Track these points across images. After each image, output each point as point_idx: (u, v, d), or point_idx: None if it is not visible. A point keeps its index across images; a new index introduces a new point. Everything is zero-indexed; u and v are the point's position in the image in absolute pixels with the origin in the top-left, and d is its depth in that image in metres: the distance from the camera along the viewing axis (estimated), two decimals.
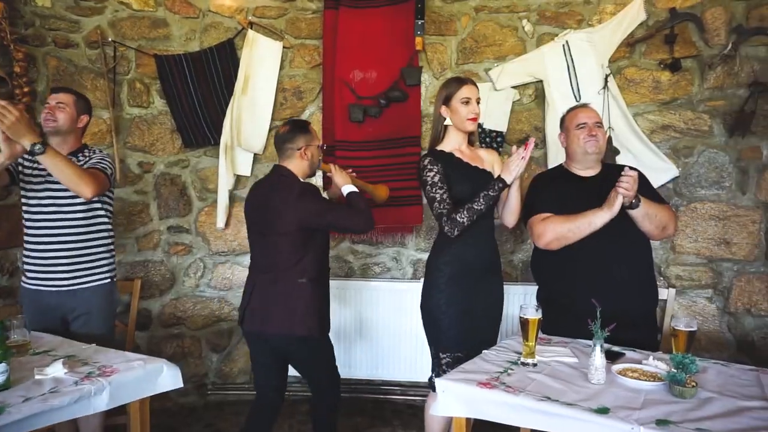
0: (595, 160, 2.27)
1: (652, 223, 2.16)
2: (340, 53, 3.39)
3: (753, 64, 2.99)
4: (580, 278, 2.19)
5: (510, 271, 3.40)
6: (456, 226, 2.10)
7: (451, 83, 2.25)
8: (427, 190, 2.15)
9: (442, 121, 2.24)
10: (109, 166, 2.38)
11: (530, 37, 3.31)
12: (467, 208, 2.11)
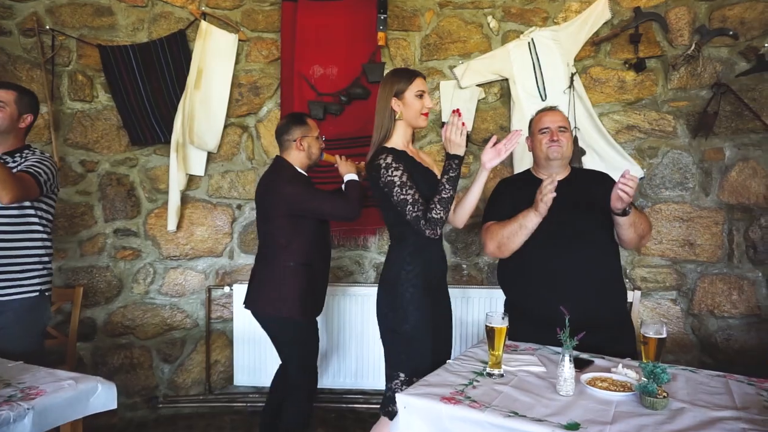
0: (560, 165, 2.17)
1: (636, 231, 2.04)
2: (300, 48, 3.25)
3: (715, 65, 2.99)
4: (535, 284, 2.12)
5: (475, 274, 3.32)
6: (437, 225, 1.91)
7: (402, 75, 2.03)
8: (396, 192, 1.90)
9: (392, 115, 2.00)
10: (44, 172, 2.15)
11: (495, 34, 3.23)
12: (438, 200, 1.90)
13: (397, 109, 1.99)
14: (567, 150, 2.15)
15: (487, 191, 2.30)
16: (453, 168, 1.93)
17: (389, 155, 1.93)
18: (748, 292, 2.99)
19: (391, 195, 1.91)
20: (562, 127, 2.16)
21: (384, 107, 2.01)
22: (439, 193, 1.92)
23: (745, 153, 2.99)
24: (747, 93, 2.94)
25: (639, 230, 2.06)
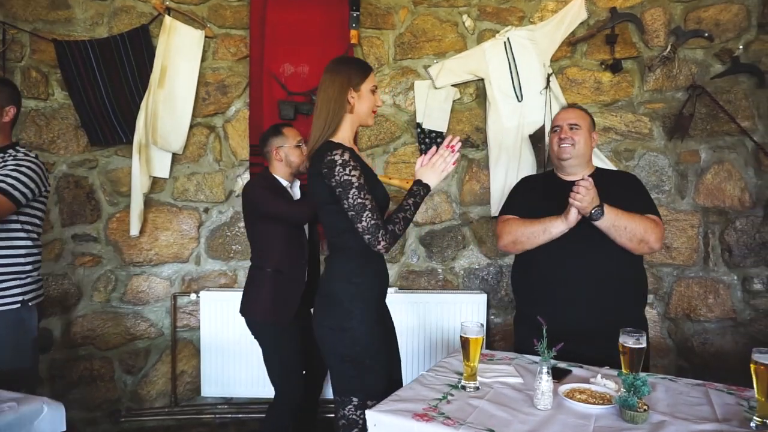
0: (574, 165, 2.06)
1: (621, 235, 1.93)
2: (269, 45, 3.14)
3: (691, 66, 2.97)
4: (543, 290, 2.04)
5: (451, 278, 3.24)
6: (395, 240, 1.72)
7: (360, 66, 1.85)
8: (353, 195, 1.67)
9: (346, 108, 1.78)
10: (20, 182, 1.99)
11: (471, 33, 3.16)
12: (403, 217, 1.74)
13: (352, 102, 1.79)
14: (580, 149, 2.03)
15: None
16: (421, 195, 1.79)
17: (346, 152, 1.70)
18: (724, 295, 2.98)
19: (346, 197, 1.68)
20: (575, 124, 2.04)
21: (336, 97, 1.77)
22: (404, 212, 1.76)
23: (720, 155, 2.97)
24: (722, 95, 2.92)
25: (626, 234, 1.93)
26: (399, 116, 3.21)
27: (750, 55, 2.89)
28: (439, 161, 1.80)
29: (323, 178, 1.71)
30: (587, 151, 2.09)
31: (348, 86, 1.77)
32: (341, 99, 1.77)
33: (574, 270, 1.98)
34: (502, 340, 3.22)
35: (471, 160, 3.19)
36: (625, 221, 1.92)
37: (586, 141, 2.06)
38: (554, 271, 2.01)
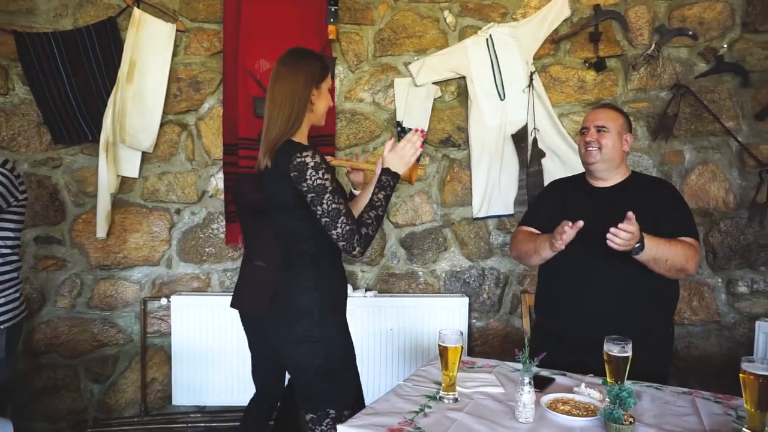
0: (602, 170, 1.94)
1: (660, 267, 1.80)
2: (244, 40, 3.01)
3: (675, 65, 2.92)
4: (561, 300, 1.97)
5: (432, 281, 3.16)
6: (369, 243, 1.62)
7: (320, 62, 1.74)
8: (328, 200, 1.57)
9: (308, 106, 1.67)
10: None
11: (452, 29, 3.08)
12: (375, 216, 1.64)
13: (313, 100, 1.68)
14: (608, 153, 1.90)
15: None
16: (390, 186, 1.67)
17: (317, 154, 1.59)
18: (708, 298, 2.93)
19: (320, 203, 1.57)
20: (602, 126, 1.91)
21: (300, 93, 1.65)
22: (375, 209, 1.65)
23: (704, 156, 2.93)
24: (706, 95, 2.88)
25: (665, 266, 1.80)
26: (378, 114, 3.12)
27: (734, 54, 2.86)
28: (408, 146, 1.69)
29: (291, 181, 1.59)
30: (616, 156, 1.93)
31: (312, 83, 1.67)
32: (305, 96, 1.66)
33: (594, 280, 1.89)
34: (484, 345, 3.14)
35: (452, 159, 3.11)
36: (666, 253, 1.78)
37: (615, 144, 1.92)
38: (575, 281, 1.93)
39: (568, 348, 1.86)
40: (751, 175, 2.87)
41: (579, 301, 1.92)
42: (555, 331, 1.98)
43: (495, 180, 3.03)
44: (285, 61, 1.70)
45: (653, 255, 1.76)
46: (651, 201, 1.90)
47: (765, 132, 2.86)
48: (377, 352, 3.01)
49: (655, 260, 1.77)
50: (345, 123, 3.11)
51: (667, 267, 1.80)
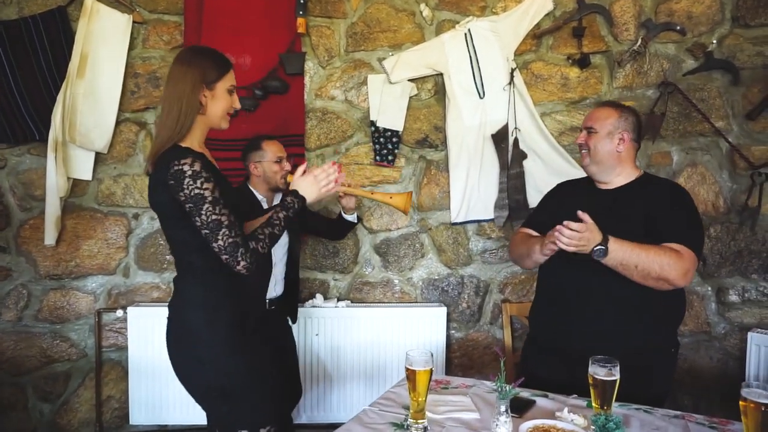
0: (597, 173, 1.87)
1: (632, 274, 1.67)
2: (207, 33, 2.83)
3: (662, 62, 2.78)
4: (554, 309, 1.89)
5: (409, 290, 2.98)
6: (257, 260, 1.50)
7: (216, 60, 1.59)
8: (207, 210, 1.43)
9: (198, 109, 1.55)
10: None
11: (429, 23, 2.91)
12: (270, 234, 1.53)
13: (204, 102, 1.56)
14: (597, 156, 1.83)
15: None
16: (294, 208, 1.60)
17: (197, 161, 1.45)
18: (698, 307, 2.79)
19: (198, 214, 1.44)
20: (591, 128, 1.85)
21: (188, 95, 1.52)
22: (272, 227, 1.55)
23: (693, 158, 2.79)
24: (695, 93, 2.74)
25: (637, 273, 1.66)
26: (351, 113, 2.94)
27: (724, 50, 2.72)
28: (322, 175, 1.64)
29: (169, 190, 1.47)
30: (607, 157, 1.83)
31: (201, 84, 1.54)
32: (193, 98, 1.53)
33: (591, 288, 1.78)
34: (464, 357, 2.97)
35: (429, 161, 2.94)
36: (635, 258, 1.65)
37: (604, 146, 1.82)
38: (571, 289, 1.83)
39: (561, 361, 1.78)
40: (742, 178, 2.73)
41: (575, 311, 1.81)
42: (549, 344, 1.89)
43: (474, 183, 2.86)
44: (176, 61, 1.60)
45: (620, 260, 1.64)
46: (653, 204, 1.78)
47: (756, 132, 2.73)
48: (349, 367, 2.83)
49: (622, 265, 1.66)
50: (315, 122, 2.92)
51: (640, 274, 1.67)
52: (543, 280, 1.98)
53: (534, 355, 1.98)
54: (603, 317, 1.76)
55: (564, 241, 1.61)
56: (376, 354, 2.84)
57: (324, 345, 2.83)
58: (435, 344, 2.84)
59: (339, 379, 2.83)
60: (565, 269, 1.81)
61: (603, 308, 1.77)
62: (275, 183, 2.37)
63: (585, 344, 1.68)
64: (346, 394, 2.84)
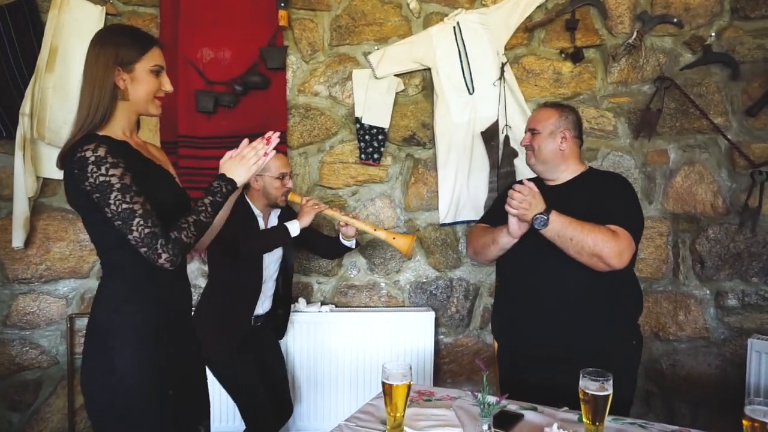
0: (543, 171, 1.92)
1: (568, 248, 1.70)
2: (185, 26, 2.73)
3: (659, 56, 2.67)
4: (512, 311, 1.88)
5: (396, 293, 2.86)
6: (182, 251, 1.35)
7: (132, 38, 1.43)
8: (115, 199, 1.29)
9: (115, 93, 1.41)
10: None
11: (416, 16, 2.80)
12: (194, 222, 1.38)
13: (122, 85, 1.41)
14: (541, 155, 1.88)
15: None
16: (222, 192, 1.43)
17: (101, 146, 1.30)
18: (695, 312, 2.68)
19: (107, 204, 1.29)
20: (534, 129, 1.91)
21: (99, 78, 1.38)
22: (197, 214, 1.39)
23: (690, 156, 2.68)
24: (692, 88, 2.63)
25: (573, 247, 1.69)
26: (335, 110, 2.82)
27: (723, 44, 2.61)
28: (251, 153, 1.47)
29: (75, 180, 1.33)
30: (552, 156, 1.88)
31: (115, 65, 1.39)
32: (106, 81, 1.38)
33: (543, 288, 1.80)
34: (453, 363, 2.86)
35: (417, 160, 2.82)
36: (571, 231, 1.69)
37: (547, 146, 1.88)
38: (524, 291, 1.84)
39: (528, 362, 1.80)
40: (741, 177, 2.62)
41: (535, 309, 1.80)
42: (515, 347, 1.89)
43: (463, 182, 2.75)
44: (90, 43, 1.44)
45: (557, 231, 1.70)
46: (597, 194, 1.82)
47: (757, 129, 2.62)
48: (334, 374, 2.71)
49: (559, 237, 1.70)
50: (298, 119, 2.81)
51: (575, 248, 1.70)
52: (501, 282, 1.98)
53: (505, 360, 1.96)
54: (563, 313, 1.75)
55: (513, 204, 1.70)
56: (361, 361, 2.73)
57: (307, 352, 2.71)
58: (423, 350, 2.72)
59: (322, 387, 2.71)
60: (522, 268, 1.83)
61: (562, 303, 1.76)
62: (274, 200, 2.27)
63: (547, 343, 1.74)
64: (330, 404, 2.72)
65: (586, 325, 1.73)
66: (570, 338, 1.74)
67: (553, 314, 1.76)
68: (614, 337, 1.78)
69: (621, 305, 1.80)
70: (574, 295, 1.75)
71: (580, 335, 1.73)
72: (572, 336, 1.73)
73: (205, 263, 2.86)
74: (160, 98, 1.48)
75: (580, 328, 1.73)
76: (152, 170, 1.46)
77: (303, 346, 2.70)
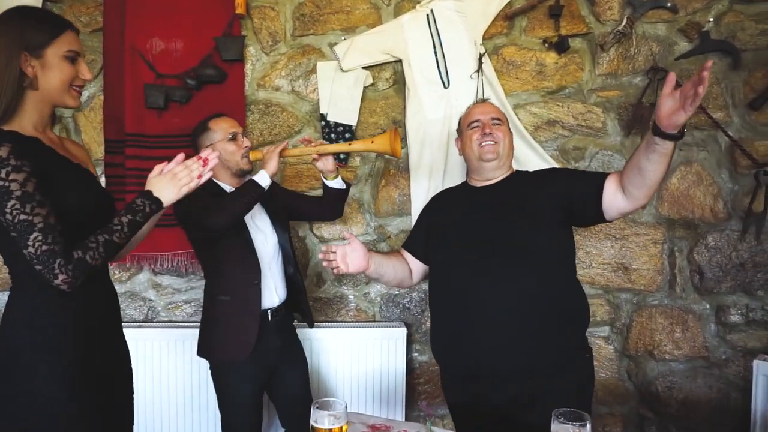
0: (496, 168, 1.74)
1: (665, 166, 1.48)
2: (133, 14, 2.51)
3: (651, 45, 2.42)
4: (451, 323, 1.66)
5: (366, 307, 2.61)
6: (82, 273, 1.19)
7: (40, 21, 1.26)
8: (12, 209, 1.14)
9: (21, 81, 1.24)
10: None
11: (386, 3, 2.56)
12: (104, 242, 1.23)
13: (30, 73, 1.24)
14: (506, 148, 1.74)
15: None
16: (145, 212, 1.29)
17: (4, 145, 1.15)
18: (694, 329, 2.42)
19: (2, 211, 1.15)
20: (496, 119, 1.77)
21: (3, 66, 1.22)
22: (111, 233, 1.24)
23: (687, 155, 2.43)
24: (689, 79, 2.38)
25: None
26: (299, 106, 2.58)
27: (722, 30, 2.36)
28: (183, 172, 1.33)
29: None
30: (511, 152, 1.79)
31: (20, 50, 1.22)
32: (11, 69, 1.22)
33: (486, 299, 1.58)
34: (428, 383, 2.60)
35: (388, 161, 2.58)
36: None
37: (508, 139, 1.77)
38: (462, 296, 1.62)
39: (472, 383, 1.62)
40: (744, 178, 2.37)
41: (469, 319, 1.59)
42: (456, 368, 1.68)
43: (438, 183, 2.50)
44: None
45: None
46: (545, 190, 1.64)
47: (761, 124, 2.36)
48: None
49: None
50: (258, 116, 2.57)
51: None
52: (436, 295, 1.76)
53: (450, 383, 1.75)
54: (502, 322, 1.55)
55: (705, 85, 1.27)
56: (325, 382, 2.48)
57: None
58: (394, 370, 2.47)
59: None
60: (460, 277, 1.63)
61: (500, 311, 1.55)
62: (236, 165, 1.98)
63: (492, 360, 1.55)
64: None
65: (536, 339, 1.53)
66: (519, 354, 1.53)
67: (498, 328, 1.54)
68: (567, 352, 1.58)
69: (570, 315, 1.60)
70: (520, 305, 1.54)
71: (530, 350, 1.53)
72: (522, 351, 1.53)
73: (156, 274, 2.62)
74: (78, 88, 1.34)
75: (529, 343, 1.53)
76: (67, 170, 1.31)
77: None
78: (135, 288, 2.60)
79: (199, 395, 2.47)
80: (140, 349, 2.43)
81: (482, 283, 1.57)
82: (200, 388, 2.47)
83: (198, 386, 2.47)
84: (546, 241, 1.58)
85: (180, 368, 2.46)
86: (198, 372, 2.46)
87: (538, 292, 1.54)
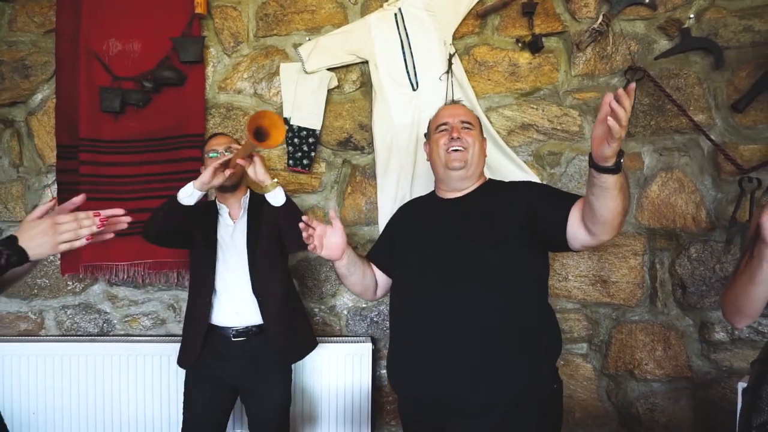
0: (462, 178, 1.58)
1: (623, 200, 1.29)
2: (88, 14, 2.45)
3: (629, 43, 2.28)
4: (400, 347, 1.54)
5: (332, 321, 2.48)
6: None
7: None
8: None
9: None
10: None
11: (352, 3, 2.45)
12: None
13: None
14: (476, 155, 1.59)
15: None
16: (0, 265, 1.06)
17: None
18: (676, 346, 2.26)
19: None
20: (467, 122, 1.62)
21: None
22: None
23: (668, 160, 2.28)
24: (669, 80, 2.24)
25: (625, 197, 1.26)
26: (261, 109, 2.46)
27: (704, 27, 2.22)
28: (69, 225, 1.11)
29: None
30: (482, 160, 1.64)
31: None
32: None
33: (447, 325, 1.42)
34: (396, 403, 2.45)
35: (354, 166, 2.46)
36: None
37: (479, 145, 1.61)
38: (421, 328, 1.46)
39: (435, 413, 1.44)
40: (728, 185, 2.21)
41: (427, 346, 1.43)
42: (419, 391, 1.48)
43: (406, 191, 2.37)
44: None
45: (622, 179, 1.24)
46: (516, 203, 1.48)
47: (745, 127, 2.21)
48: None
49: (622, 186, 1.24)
50: (219, 120, 2.46)
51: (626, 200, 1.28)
52: (395, 320, 1.59)
53: (410, 414, 1.57)
54: (461, 340, 1.40)
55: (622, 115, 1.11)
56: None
57: None
58: (359, 387, 2.33)
59: None
60: (419, 301, 1.48)
61: (460, 328, 1.40)
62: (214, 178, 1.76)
63: (451, 392, 1.39)
64: None
65: (499, 371, 1.38)
66: (481, 387, 1.37)
67: (458, 358, 1.39)
68: (533, 383, 1.41)
69: (539, 344, 1.44)
70: (483, 333, 1.39)
71: (493, 383, 1.38)
72: (484, 384, 1.38)
73: (112, 285, 2.50)
74: None
75: (492, 375, 1.37)
76: None
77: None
78: (89, 299, 2.48)
79: (160, 412, 2.34)
80: (93, 364, 2.32)
81: (441, 308, 1.42)
82: (161, 405, 2.34)
83: (158, 404, 2.34)
84: (511, 263, 1.42)
85: (136, 384, 2.34)
86: (159, 389, 2.34)
87: (502, 320, 1.39)
